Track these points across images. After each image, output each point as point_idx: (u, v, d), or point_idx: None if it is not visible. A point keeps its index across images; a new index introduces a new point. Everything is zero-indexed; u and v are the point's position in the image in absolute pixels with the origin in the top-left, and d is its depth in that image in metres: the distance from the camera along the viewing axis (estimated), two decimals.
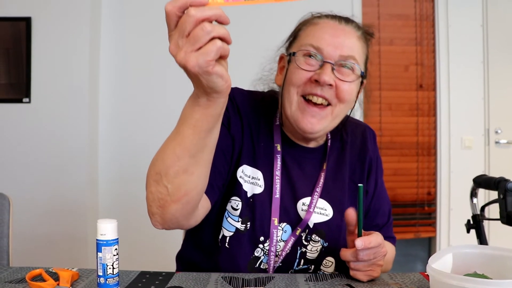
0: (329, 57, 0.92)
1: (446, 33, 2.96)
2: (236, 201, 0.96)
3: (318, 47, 0.92)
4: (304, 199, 0.99)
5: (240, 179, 0.97)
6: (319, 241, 0.97)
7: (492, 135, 3.00)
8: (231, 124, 0.98)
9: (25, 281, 0.83)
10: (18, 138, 2.48)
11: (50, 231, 2.45)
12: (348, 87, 0.93)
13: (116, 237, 0.75)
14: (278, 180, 0.98)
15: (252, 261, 0.95)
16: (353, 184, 1.04)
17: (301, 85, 0.93)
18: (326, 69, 0.91)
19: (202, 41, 0.56)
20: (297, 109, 0.94)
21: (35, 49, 2.49)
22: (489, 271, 0.77)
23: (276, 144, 1.00)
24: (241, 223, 0.95)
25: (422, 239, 3.08)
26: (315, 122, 0.93)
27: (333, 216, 0.99)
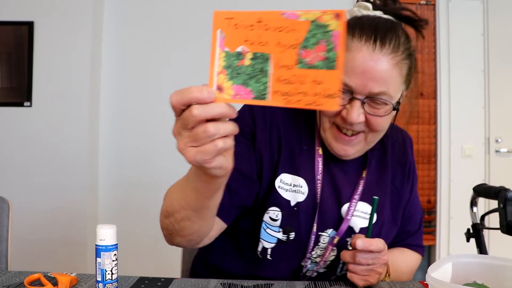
0: (359, 93, 0.85)
1: (447, 41, 2.97)
2: (275, 211, 0.93)
3: (347, 84, 0.85)
4: (347, 204, 0.97)
5: (279, 189, 0.94)
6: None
7: (492, 144, 3.00)
8: (256, 140, 0.95)
9: (24, 285, 0.82)
10: (19, 142, 2.48)
11: (49, 236, 2.45)
12: (381, 120, 0.88)
13: (115, 242, 0.75)
14: (320, 184, 0.95)
15: (297, 270, 0.95)
16: (395, 188, 1.03)
17: (332, 117, 0.90)
18: (355, 107, 0.85)
19: (203, 142, 0.54)
20: (330, 135, 0.92)
21: (37, 53, 2.50)
22: (489, 281, 0.76)
23: (318, 148, 0.97)
24: (282, 233, 0.93)
25: None
26: (348, 148, 0.92)
27: (376, 221, 0.97)
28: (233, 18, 0.57)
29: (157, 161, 2.52)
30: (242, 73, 0.57)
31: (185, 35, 2.67)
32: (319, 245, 0.94)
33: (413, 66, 0.93)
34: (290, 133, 0.97)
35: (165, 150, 2.40)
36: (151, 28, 2.69)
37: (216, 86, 0.56)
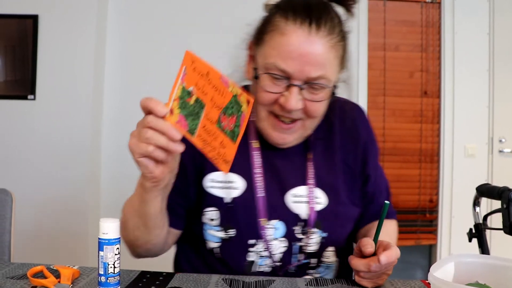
0: (296, 78, 0.84)
1: (452, 40, 2.96)
2: (211, 212, 0.93)
3: (284, 69, 0.83)
4: (293, 190, 0.94)
5: (210, 189, 0.93)
6: (315, 232, 0.93)
7: (496, 143, 3.00)
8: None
9: (26, 277, 0.83)
10: (22, 135, 2.49)
11: (51, 228, 2.46)
12: (318, 106, 0.88)
13: (118, 236, 0.75)
14: (260, 177, 0.93)
15: (248, 266, 0.93)
16: (347, 167, 0.99)
17: (268, 105, 0.88)
18: (292, 93, 0.84)
19: (141, 140, 0.70)
20: (268, 124, 0.90)
21: (41, 47, 2.50)
22: (491, 281, 0.76)
23: (251, 141, 0.95)
24: (223, 232, 0.92)
25: (422, 247, 3.08)
26: (286, 137, 0.90)
27: (328, 204, 0.95)
28: (194, 62, 0.70)
29: None
30: (187, 108, 0.70)
31: (189, 28, 2.67)
32: (263, 239, 0.91)
33: (347, 47, 0.91)
34: None
35: None
36: (155, 22, 2.69)
37: (170, 108, 0.69)
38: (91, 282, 0.82)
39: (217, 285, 0.83)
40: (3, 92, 2.51)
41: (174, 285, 0.83)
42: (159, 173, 0.73)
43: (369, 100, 2.91)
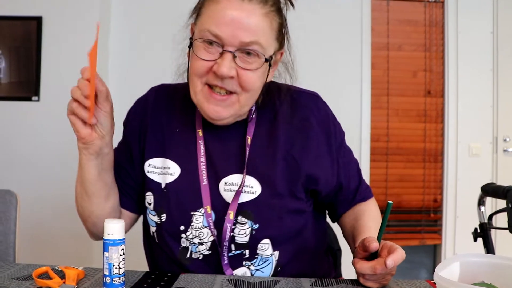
0: (229, 45, 0.84)
1: (456, 39, 2.95)
2: (149, 196, 0.97)
3: (217, 34, 0.84)
4: (226, 178, 0.93)
5: (149, 174, 0.97)
6: (246, 222, 0.91)
7: (500, 143, 2.98)
8: (126, 132, 1.04)
9: (32, 278, 0.83)
10: (27, 136, 2.49)
11: (56, 229, 2.46)
12: (252, 76, 0.87)
13: (123, 237, 0.75)
14: (204, 166, 0.94)
15: (182, 251, 0.94)
16: (292, 158, 0.95)
17: (203, 75, 0.87)
18: (225, 59, 0.84)
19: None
20: (202, 97, 0.89)
21: (45, 48, 2.51)
22: (496, 280, 0.76)
23: (198, 130, 0.97)
24: (157, 216, 0.95)
25: (427, 246, 3.07)
26: (220, 110, 0.89)
27: (261, 193, 0.92)
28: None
29: None
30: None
31: None
32: (192, 226, 0.92)
33: (284, 24, 0.93)
34: (161, 119, 1.00)
35: None
36: (158, 24, 2.69)
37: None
38: (96, 283, 0.83)
39: (222, 286, 0.83)
40: (8, 93, 2.52)
41: (179, 285, 0.83)
42: (86, 134, 0.87)
43: (373, 100, 2.91)
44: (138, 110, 1.04)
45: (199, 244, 0.93)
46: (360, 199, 1.06)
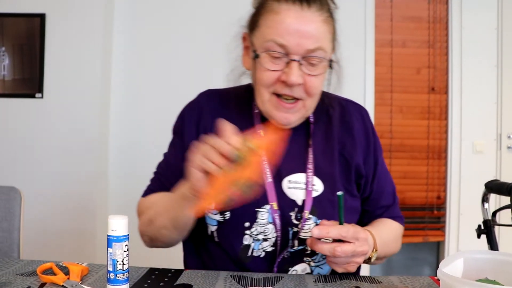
0: (295, 53, 0.88)
1: (460, 35, 2.94)
2: None
3: (282, 44, 0.87)
4: (290, 176, 0.97)
5: None
6: (310, 218, 0.95)
7: (504, 140, 2.97)
8: (183, 137, 1.02)
9: (36, 274, 0.84)
10: (30, 133, 2.50)
11: (60, 226, 2.47)
12: (316, 81, 0.91)
13: (126, 233, 0.76)
14: (267, 164, 0.96)
15: (243, 249, 0.94)
16: (344, 159, 1.02)
17: (271, 86, 0.91)
18: (293, 68, 0.88)
19: (205, 156, 0.75)
20: (271, 106, 0.93)
21: (48, 45, 2.52)
22: (500, 277, 0.76)
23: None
24: (219, 214, 0.94)
25: (430, 243, 3.06)
26: (289, 116, 0.93)
27: (324, 191, 0.97)
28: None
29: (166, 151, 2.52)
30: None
31: (194, 24, 2.67)
32: (257, 222, 0.93)
33: (336, 26, 0.96)
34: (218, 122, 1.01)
35: None
36: (161, 19, 2.69)
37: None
38: (100, 279, 0.83)
39: (226, 282, 0.84)
40: (11, 90, 2.52)
41: (183, 281, 0.83)
42: (203, 189, 0.78)
43: (376, 97, 2.90)
44: (193, 115, 1.04)
45: (263, 240, 0.94)
46: (388, 217, 1.08)
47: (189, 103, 1.07)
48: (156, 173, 1.07)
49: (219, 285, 0.82)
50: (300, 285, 0.83)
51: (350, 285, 0.84)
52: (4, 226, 1.26)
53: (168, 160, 1.05)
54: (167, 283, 0.82)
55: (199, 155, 0.76)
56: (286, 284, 0.83)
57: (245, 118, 1.01)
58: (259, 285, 0.82)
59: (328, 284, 0.84)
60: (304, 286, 0.83)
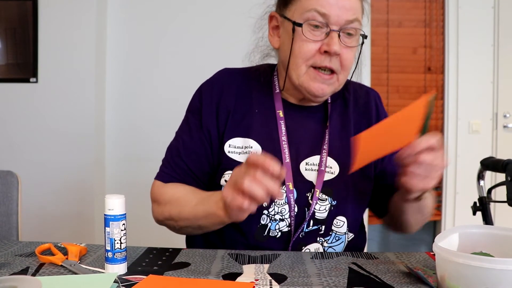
0: (335, 23, 0.91)
1: (456, 15, 2.92)
2: (229, 175, 0.95)
3: (324, 13, 0.90)
4: (307, 159, 0.99)
5: (230, 154, 0.98)
6: (326, 199, 0.97)
7: (500, 119, 2.98)
8: (202, 115, 1.01)
9: (35, 254, 0.84)
10: (26, 118, 2.49)
11: (57, 209, 2.48)
12: (351, 54, 0.95)
13: (123, 212, 0.76)
14: (286, 145, 0.98)
15: (260, 229, 0.95)
16: None
17: (310, 58, 0.93)
18: (334, 38, 0.91)
19: (256, 184, 0.75)
20: (308, 78, 0.94)
21: (41, 29, 2.49)
22: (495, 251, 0.77)
23: (278, 111, 1.01)
24: None
25: (427, 223, 3.09)
26: (325, 87, 0.95)
27: (339, 173, 0.99)
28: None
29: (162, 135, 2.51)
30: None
31: (193, 10, 2.64)
32: (276, 202, 0.95)
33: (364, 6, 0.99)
34: (237, 101, 1.02)
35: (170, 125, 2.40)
36: (157, 1, 2.66)
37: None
38: (98, 259, 0.83)
39: (223, 260, 0.84)
40: (5, 75, 2.50)
41: (181, 260, 0.84)
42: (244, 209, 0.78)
43: (373, 77, 2.89)
44: (212, 94, 1.03)
45: (280, 221, 0.95)
46: None
47: (208, 81, 1.06)
48: (171, 154, 1.04)
49: (217, 262, 0.83)
50: (297, 262, 0.84)
51: (347, 261, 0.85)
52: (2, 210, 1.26)
53: (184, 140, 1.03)
54: (165, 261, 0.83)
55: (247, 178, 0.75)
56: (283, 261, 0.84)
57: (266, 98, 1.03)
58: (257, 262, 0.83)
59: (325, 261, 0.85)
60: (301, 263, 0.84)
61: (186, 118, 1.05)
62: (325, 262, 0.84)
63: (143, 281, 0.72)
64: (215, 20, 2.62)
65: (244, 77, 1.05)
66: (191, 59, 2.62)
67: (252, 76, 1.05)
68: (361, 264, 0.83)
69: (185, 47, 2.64)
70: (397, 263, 0.84)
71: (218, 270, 0.78)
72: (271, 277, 0.75)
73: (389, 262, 0.85)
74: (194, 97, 1.06)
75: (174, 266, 0.80)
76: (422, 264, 0.83)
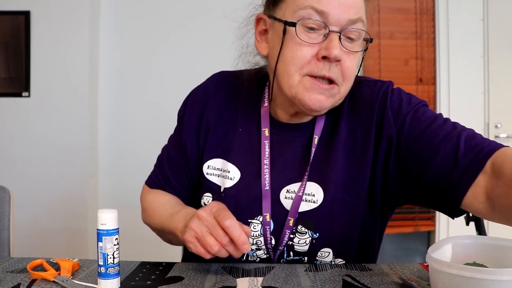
0: (335, 24, 0.76)
1: (446, 27, 2.96)
2: (207, 197, 0.93)
3: (323, 11, 0.76)
4: (288, 186, 0.88)
5: (208, 176, 0.93)
6: (306, 232, 0.87)
7: (492, 129, 3.00)
8: (182, 128, 0.96)
9: (27, 270, 0.83)
10: (18, 132, 2.48)
11: (50, 225, 2.46)
12: (354, 61, 0.80)
13: (116, 226, 0.75)
14: (268, 169, 0.88)
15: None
16: (354, 154, 0.87)
17: (305, 65, 0.79)
18: (335, 40, 0.76)
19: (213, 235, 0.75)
20: (302, 88, 0.80)
21: (34, 43, 2.49)
22: (488, 261, 0.77)
23: (264, 129, 0.90)
24: None
25: (421, 233, 3.09)
26: (323, 99, 0.80)
27: (323, 202, 0.86)
28: None
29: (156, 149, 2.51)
30: None
31: (183, 17, 2.65)
32: (251, 235, 0.85)
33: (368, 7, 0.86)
34: (222, 115, 0.93)
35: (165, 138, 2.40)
36: (149, 16, 2.67)
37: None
38: (91, 274, 0.83)
39: (217, 273, 0.84)
40: None
41: (174, 274, 0.83)
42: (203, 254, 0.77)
43: None
44: (196, 106, 0.95)
45: (257, 250, 0.91)
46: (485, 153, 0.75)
47: (196, 90, 0.99)
48: (158, 160, 1.04)
49: (211, 276, 0.82)
50: (291, 275, 0.83)
51: (341, 273, 0.85)
52: None
53: (169, 149, 1.02)
54: (159, 276, 0.82)
55: (212, 243, 0.74)
56: (277, 274, 0.84)
57: (253, 113, 0.93)
58: (250, 275, 0.83)
59: (319, 273, 0.85)
60: (295, 275, 0.83)
61: (177, 125, 1.02)
62: (319, 275, 0.84)
63: None
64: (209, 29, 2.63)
65: (233, 85, 0.96)
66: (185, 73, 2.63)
67: (243, 84, 0.95)
68: (355, 276, 0.83)
69: (183, 55, 2.65)
70: (391, 275, 0.83)
71: (212, 284, 0.78)
72: None
73: (383, 273, 0.85)
74: (182, 104, 1.01)
75: (167, 281, 0.80)
76: (416, 275, 0.83)
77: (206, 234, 0.74)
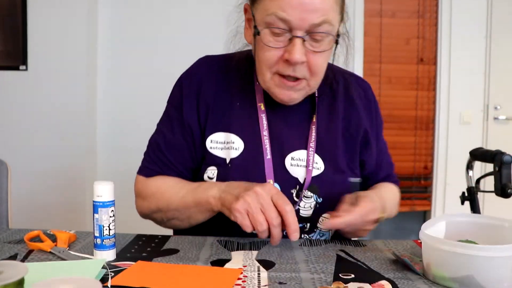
0: (298, 28, 0.81)
1: (450, 6, 2.92)
2: (212, 170, 0.95)
3: (285, 18, 0.81)
4: (293, 153, 0.95)
5: (212, 149, 0.95)
6: (311, 196, 0.94)
7: (491, 111, 3.00)
8: (183, 109, 0.97)
9: (24, 241, 0.84)
10: (16, 106, 2.47)
11: (49, 199, 2.47)
12: (320, 59, 0.86)
13: (112, 199, 0.76)
14: (267, 140, 0.94)
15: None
16: (349, 134, 1.00)
17: (273, 65, 0.86)
18: (296, 45, 0.82)
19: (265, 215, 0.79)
20: (273, 84, 0.89)
21: (31, 16, 2.46)
22: (481, 239, 0.78)
23: (259, 104, 0.96)
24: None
25: (417, 213, 3.12)
26: (292, 93, 0.90)
27: (325, 170, 0.96)
28: None
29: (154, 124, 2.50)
30: None
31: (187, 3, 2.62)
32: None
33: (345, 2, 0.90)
34: (218, 93, 0.97)
35: None
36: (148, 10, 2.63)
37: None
38: (87, 245, 0.83)
39: (212, 247, 0.85)
40: None
41: (170, 247, 0.84)
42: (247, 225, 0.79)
43: (365, 67, 2.89)
44: (192, 86, 0.98)
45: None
46: (388, 181, 1.11)
47: (187, 72, 1.01)
48: (152, 148, 1.01)
49: (206, 249, 0.83)
50: (286, 249, 0.84)
51: (335, 248, 0.86)
52: None
53: (165, 135, 1.00)
54: (154, 248, 0.83)
55: (259, 204, 0.77)
56: (271, 248, 0.84)
57: (247, 90, 0.98)
58: (245, 249, 0.84)
59: (314, 248, 0.86)
60: (290, 249, 0.84)
61: (167, 111, 1.02)
62: (313, 249, 0.85)
63: (131, 267, 0.72)
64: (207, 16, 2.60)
65: (224, 67, 1.00)
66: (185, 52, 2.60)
67: (232, 66, 0.99)
68: (349, 251, 0.84)
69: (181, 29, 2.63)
70: (385, 251, 0.84)
71: (207, 257, 0.78)
72: (259, 264, 0.75)
73: (377, 249, 0.85)
74: (174, 89, 1.02)
75: (162, 253, 0.80)
76: (409, 251, 0.84)
77: (258, 211, 0.77)
